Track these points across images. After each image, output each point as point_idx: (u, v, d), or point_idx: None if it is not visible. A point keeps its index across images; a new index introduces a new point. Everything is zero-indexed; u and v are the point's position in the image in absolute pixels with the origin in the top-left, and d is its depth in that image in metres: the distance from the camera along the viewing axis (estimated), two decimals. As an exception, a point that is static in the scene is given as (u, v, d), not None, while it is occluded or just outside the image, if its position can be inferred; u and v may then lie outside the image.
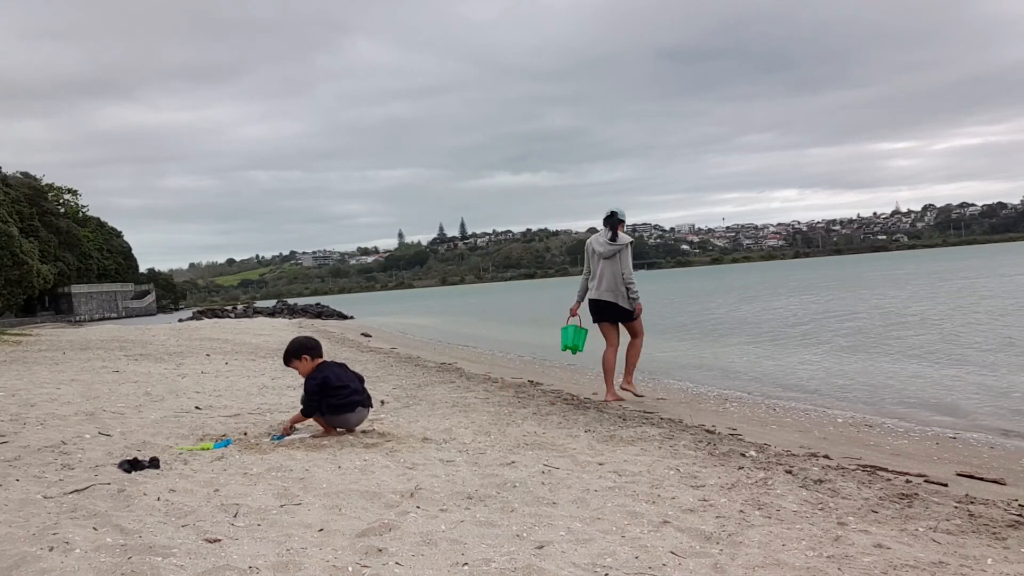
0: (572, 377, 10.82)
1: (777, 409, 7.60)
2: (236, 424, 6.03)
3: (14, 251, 56.67)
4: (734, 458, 4.90)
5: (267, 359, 12.88)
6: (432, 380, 9.70)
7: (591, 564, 2.93)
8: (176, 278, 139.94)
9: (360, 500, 3.77)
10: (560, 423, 6.27)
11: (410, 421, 6.27)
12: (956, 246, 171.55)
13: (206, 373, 10.39)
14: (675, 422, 6.52)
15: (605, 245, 7.63)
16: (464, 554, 3.01)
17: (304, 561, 2.88)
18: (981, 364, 9.74)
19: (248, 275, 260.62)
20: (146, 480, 4.10)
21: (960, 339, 12.36)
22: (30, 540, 3.04)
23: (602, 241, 7.68)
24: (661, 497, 3.88)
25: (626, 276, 7.54)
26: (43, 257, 65.56)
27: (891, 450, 5.70)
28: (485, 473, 4.37)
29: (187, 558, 2.89)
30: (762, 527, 3.39)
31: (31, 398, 7.37)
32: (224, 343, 17.22)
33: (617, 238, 7.59)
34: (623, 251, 7.55)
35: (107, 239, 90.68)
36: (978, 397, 7.78)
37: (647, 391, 9.03)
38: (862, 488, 4.15)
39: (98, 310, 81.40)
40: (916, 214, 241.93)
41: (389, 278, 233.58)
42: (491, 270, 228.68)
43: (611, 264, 7.59)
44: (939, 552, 3.11)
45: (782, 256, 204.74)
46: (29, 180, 75.34)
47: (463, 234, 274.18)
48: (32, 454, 4.74)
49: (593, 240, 7.85)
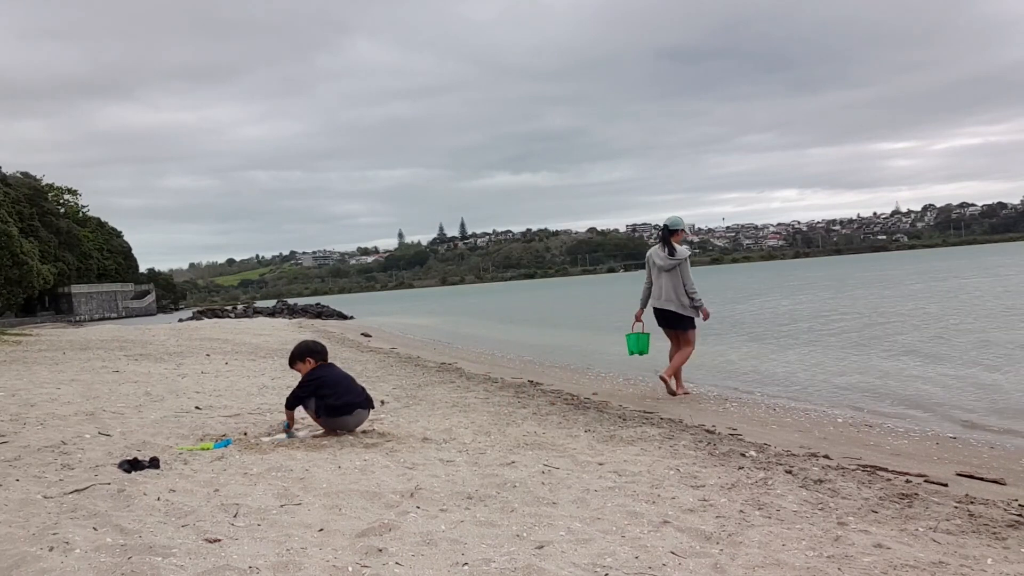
0: (572, 377, 10.82)
1: (777, 409, 7.60)
2: (236, 424, 6.03)
3: (14, 251, 56.69)
4: (734, 458, 4.90)
5: (267, 359, 12.88)
6: (432, 380, 9.71)
7: (591, 564, 2.93)
8: (176, 278, 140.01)
9: (360, 500, 3.77)
10: (560, 423, 6.28)
11: (410, 421, 6.27)
12: (956, 246, 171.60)
13: (206, 373, 10.39)
14: (675, 422, 6.52)
15: (664, 259, 8.17)
16: (464, 554, 3.01)
17: (304, 561, 2.88)
18: (981, 364, 9.74)
19: (248, 275, 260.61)
20: (146, 480, 4.11)
21: (960, 339, 12.37)
22: (30, 540, 3.05)
23: (661, 255, 8.21)
24: (661, 497, 3.88)
25: (688, 287, 8.09)
26: (43, 257, 65.57)
27: (891, 450, 5.70)
28: (485, 473, 4.37)
29: (187, 558, 2.89)
30: (762, 527, 3.39)
31: (31, 398, 7.37)
32: (224, 343, 17.23)
33: (675, 251, 8.16)
34: (682, 264, 8.11)
35: (107, 239, 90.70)
36: (978, 397, 7.78)
37: (647, 391, 9.03)
38: (862, 488, 4.15)
39: (98, 310, 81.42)
40: (916, 214, 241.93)
41: (389, 278, 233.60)
42: (491, 270, 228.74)
43: (671, 276, 8.13)
44: (939, 552, 3.11)
45: (782, 256, 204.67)
46: (29, 180, 75.38)
47: (463, 234, 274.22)
48: (32, 454, 4.74)
49: (653, 253, 8.39)
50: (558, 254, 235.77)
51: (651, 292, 8.40)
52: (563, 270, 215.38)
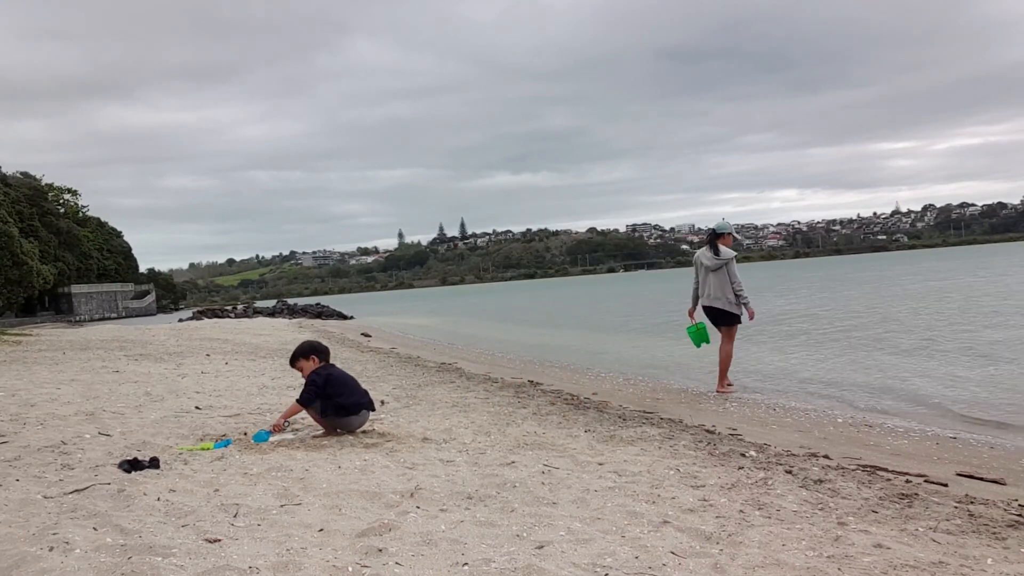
0: (572, 377, 10.82)
1: (777, 409, 7.60)
2: (236, 424, 6.03)
3: (14, 251, 56.66)
4: (734, 458, 4.90)
5: (267, 359, 12.88)
6: (432, 380, 9.71)
7: (591, 564, 2.93)
8: (176, 278, 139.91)
9: (360, 500, 3.77)
10: (560, 423, 6.27)
11: (410, 421, 6.27)
12: (956, 246, 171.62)
13: (206, 373, 10.39)
14: (675, 422, 6.52)
15: (712, 259, 8.63)
16: (464, 554, 3.01)
17: (304, 561, 2.88)
18: (981, 363, 9.74)
19: (248, 275, 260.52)
20: (146, 480, 4.11)
21: (960, 338, 12.37)
22: (30, 540, 3.05)
23: (708, 255, 8.69)
24: (661, 497, 3.88)
25: (735, 285, 8.52)
26: (43, 257, 65.55)
27: (891, 450, 5.70)
28: (485, 473, 4.37)
29: (187, 558, 2.89)
30: (762, 527, 3.39)
31: (31, 398, 7.37)
32: (224, 343, 17.22)
33: (720, 252, 8.57)
34: (729, 263, 8.55)
35: (107, 239, 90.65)
36: (979, 396, 7.77)
37: (647, 391, 9.03)
38: (862, 488, 4.15)
39: (98, 310, 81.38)
40: (916, 214, 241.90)
41: (389, 278, 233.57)
42: (491, 270, 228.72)
43: (717, 275, 8.59)
44: (939, 552, 3.11)
45: (782, 256, 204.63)
46: (29, 180, 75.31)
47: (463, 234, 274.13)
48: (32, 454, 4.74)
49: (700, 254, 8.89)
50: (558, 254, 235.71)
51: (699, 292, 8.84)
52: (563, 270, 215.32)
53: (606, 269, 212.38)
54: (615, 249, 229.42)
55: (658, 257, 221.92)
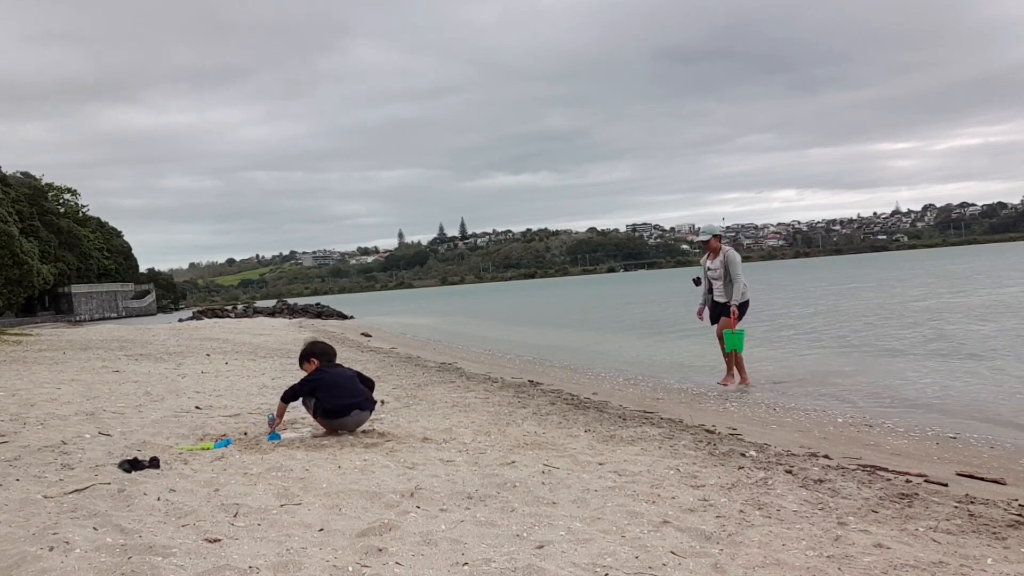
0: (572, 377, 10.82)
1: (777, 409, 7.59)
2: (236, 424, 6.03)
3: (14, 251, 56.63)
4: (734, 458, 4.90)
5: (267, 359, 12.88)
6: (432, 380, 9.70)
7: (591, 564, 2.93)
8: (176, 278, 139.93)
9: (360, 500, 3.77)
10: (560, 423, 6.27)
11: (410, 421, 6.27)
12: (956, 246, 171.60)
13: (206, 373, 10.39)
14: (675, 422, 6.52)
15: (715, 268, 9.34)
16: (464, 554, 3.01)
17: (304, 561, 2.88)
18: (981, 363, 9.73)
19: (248, 275, 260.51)
20: (146, 480, 4.10)
21: (959, 338, 12.36)
22: (30, 540, 3.04)
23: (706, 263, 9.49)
24: (661, 497, 3.88)
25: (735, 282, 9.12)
26: (43, 257, 65.53)
27: (891, 450, 5.70)
28: (485, 473, 4.37)
29: (187, 558, 2.89)
30: (762, 527, 3.39)
31: (31, 398, 7.37)
32: (224, 343, 17.22)
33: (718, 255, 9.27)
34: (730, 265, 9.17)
35: (107, 239, 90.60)
36: (979, 396, 7.77)
37: (647, 391, 9.03)
38: (862, 488, 4.15)
39: (98, 310, 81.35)
40: (916, 214, 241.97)
41: (389, 278, 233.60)
42: (491, 270, 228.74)
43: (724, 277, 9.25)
44: (939, 552, 3.11)
45: (782, 256, 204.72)
46: (29, 180, 75.32)
47: (463, 234, 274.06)
48: (32, 454, 4.74)
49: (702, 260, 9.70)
50: (558, 254, 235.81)
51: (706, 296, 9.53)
52: (563, 270, 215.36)
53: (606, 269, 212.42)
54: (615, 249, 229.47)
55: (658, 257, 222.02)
